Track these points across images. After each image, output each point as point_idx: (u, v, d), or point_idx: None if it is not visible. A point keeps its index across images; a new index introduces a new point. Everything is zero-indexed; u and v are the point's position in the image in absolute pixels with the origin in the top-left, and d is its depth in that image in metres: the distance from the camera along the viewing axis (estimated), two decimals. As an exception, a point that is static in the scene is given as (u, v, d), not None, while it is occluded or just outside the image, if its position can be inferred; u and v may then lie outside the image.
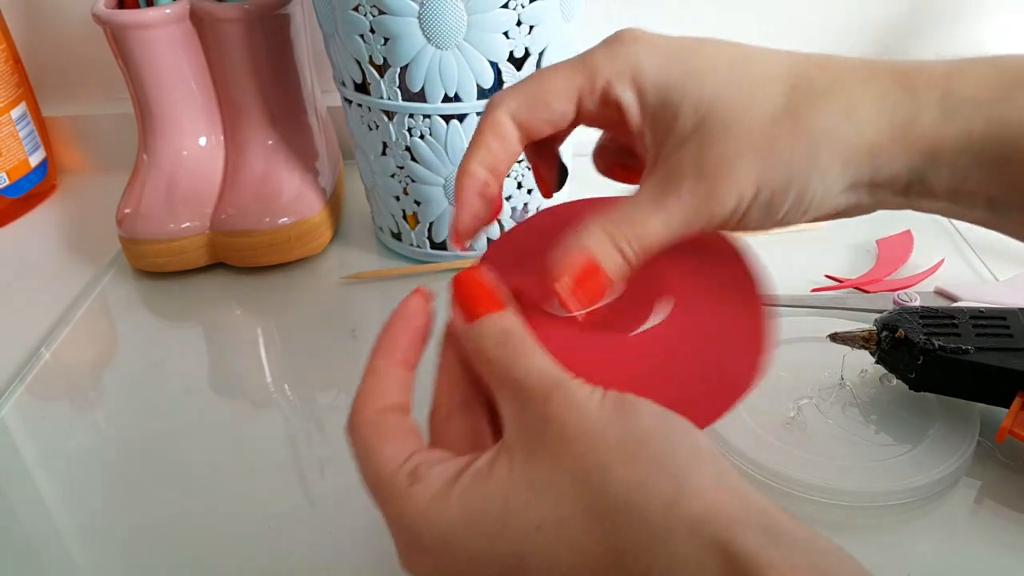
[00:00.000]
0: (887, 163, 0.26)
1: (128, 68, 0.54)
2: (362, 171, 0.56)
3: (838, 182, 0.26)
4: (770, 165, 0.26)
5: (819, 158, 0.26)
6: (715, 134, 0.26)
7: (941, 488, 0.36)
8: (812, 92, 0.26)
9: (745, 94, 0.26)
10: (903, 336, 0.38)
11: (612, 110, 0.28)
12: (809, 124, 0.26)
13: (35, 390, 0.47)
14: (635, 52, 0.27)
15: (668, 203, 0.27)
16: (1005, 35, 0.66)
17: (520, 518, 0.22)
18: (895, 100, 0.26)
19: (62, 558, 0.37)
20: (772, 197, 0.26)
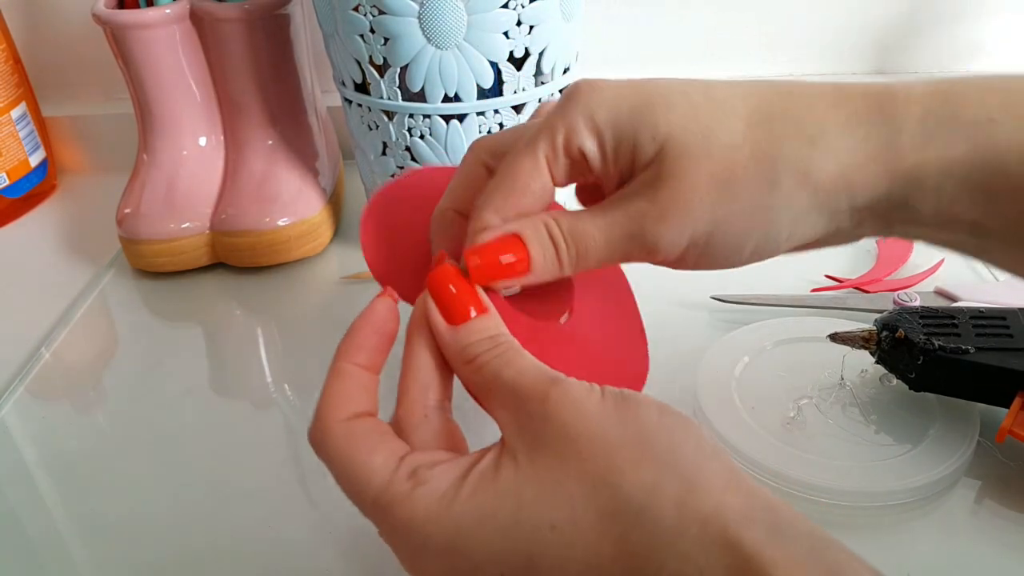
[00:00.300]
0: (865, 188, 0.25)
1: (128, 68, 0.54)
2: (362, 171, 0.56)
3: (811, 211, 0.25)
4: (729, 195, 0.25)
5: (782, 186, 0.25)
6: (671, 162, 0.25)
7: (941, 488, 0.36)
8: (771, 117, 0.25)
9: (702, 123, 0.25)
10: (903, 336, 0.38)
11: (578, 163, 0.27)
12: (771, 151, 0.25)
13: (35, 390, 0.47)
14: (585, 100, 0.26)
15: (614, 214, 0.26)
16: (1005, 35, 0.66)
17: (533, 517, 0.21)
18: (869, 123, 0.25)
19: (62, 558, 0.37)
20: (734, 228, 0.25)
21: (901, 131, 0.25)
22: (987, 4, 0.65)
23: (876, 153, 0.25)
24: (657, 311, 0.49)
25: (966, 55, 0.67)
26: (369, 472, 0.23)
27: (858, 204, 0.25)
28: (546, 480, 0.22)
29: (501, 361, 0.24)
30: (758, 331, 0.44)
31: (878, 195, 0.25)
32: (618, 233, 0.26)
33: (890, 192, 0.25)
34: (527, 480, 0.22)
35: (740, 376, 0.41)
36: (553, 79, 0.49)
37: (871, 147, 0.25)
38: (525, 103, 0.49)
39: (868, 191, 0.25)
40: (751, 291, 0.48)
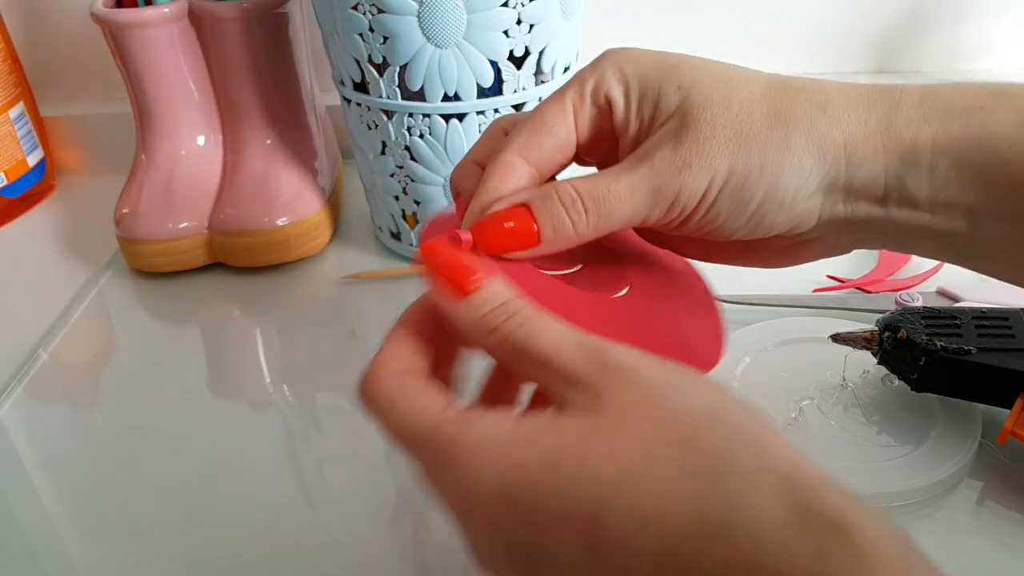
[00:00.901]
0: (863, 163, 0.26)
1: (126, 67, 0.54)
2: (361, 171, 0.56)
3: (812, 176, 0.26)
4: (745, 147, 0.26)
5: (793, 144, 0.26)
6: (695, 111, 0.26)
7: (943, 489, 0.36)
8: (789, 87, 0.27)
9: (723, 81, 0.27)
10: (905, 337, 0.37)
11: (603, 112, 0.28)
12: (785, 112, 0.26)
13: (33, 391, 0.47)
14: (615, 59, 0.28)
15: (639, 169, 0.27)
16: (1006, 36, 0.66)
17: (604, 459, 0.20)
18: (872, 101, 0.26)
19: (60, 558, 0.37)
20: (745, 181, 0.26)
21: (899, 111, 0.26)
22: (988, 4, 0.65)
23: (876, 128, 0.26)
24: (657, 311, 0.49)
25: (967, 55, 0.67)
26: (417, 413, 0.23)
27: (855, 182, 0.26)
28: (614, 431, 0.21)
29: (527, 329, 0.23)
30: (759, 331, 0.44)
31: (876, 174, 0.26)
32: (644, 188, 0.27)
33: (887, 171, 0.26)
34: (593, 431, 0.21)
35: (741, 377, 0.41)
36: (553, 78, 0.49)
37: (872, 122, 0.26)
38: (525, 102, 0.49)
39: (867, 168, 0.26)
40: (752, 291, 0.48)
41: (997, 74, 0.67)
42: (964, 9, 0.65)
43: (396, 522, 0.37)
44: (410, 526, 0.37)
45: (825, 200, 0.27)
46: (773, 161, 0.26)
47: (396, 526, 0.37)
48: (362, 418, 0.41)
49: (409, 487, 0.39)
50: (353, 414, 0.45)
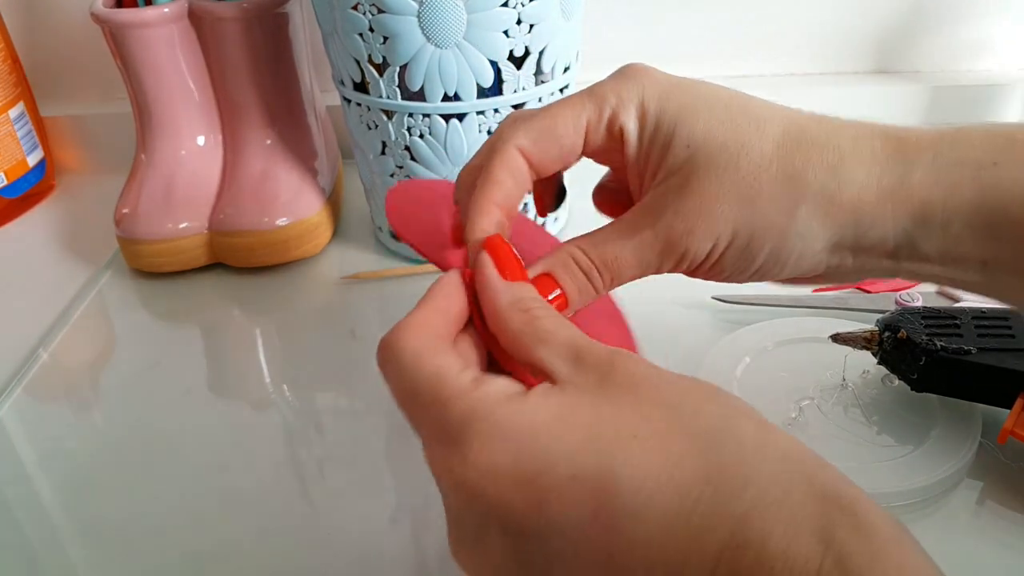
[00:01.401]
0: (872, 224, 0.26)
1: (126, 67, 0.54)
2: (361, 171, 0.56)
3: (818, 240, 0.26)
4: (750, 212, 0.26)
5: (800, 210, 0.26)
6: (701, 172, 0.26)
7: (943, 489, 0.36)
8: (803, 141, 0.26)
9: (736, 134, 0.26)
10: (905, 337, 0.37)
11: (615, 141, 0.28)
12: (795, 174, 0.26)
13: (33, 391, 0.47)
14: (640, 83, 0.28)
15: (643, 234, 0.27)
16: (1007, 36, 0.66)
17: (613, 426, 0.21)
18: (883, 160, 0.26)
19: (60, 558, 0.37)
20: (749, 244, 0.26)
21: (912, 171, 0.26)
22: (988, 4, 0.65)
23: (888, 191, 0.26)
24: (658, 311, 0.49)
25: (967, 55, 0.67)
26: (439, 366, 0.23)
27: (864, 242, 0.26)
28: (623, 402, 0.21)
29: (558, 321, 0.24)
30: (760, 331, 0.44)
31: (885, 234, 0.26)
32: (648, 253, 0.27)
33: (897, 230, 0.26)
34: (603, 400, 0.21)
35: (741, 377, 0.41)
36: (553, 78, 0.49)
37: (884, 184, 0.26)
38: (525, 102, 0.49)
39: (877, 229, 0.26)
40: (752, 291, 0.48)
41: (997, 74, 0.67)
42: (964, 9, 0.65)
43: (396, 522, 0.37)
44: (410, 526, 0.37)
45: (832, 256, 0.27)
46: (778, 225, 0.26)
47: (396, 526, 0.37)
48: (362, 418, 0.41)
49: (409, 487, 0.39)
50: (353, 414, 0.45)
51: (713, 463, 0.20)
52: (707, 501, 0.19)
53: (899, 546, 0.19)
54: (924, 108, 0.66)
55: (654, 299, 0.49)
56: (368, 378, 0.46)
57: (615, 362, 0.22)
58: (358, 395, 0.45)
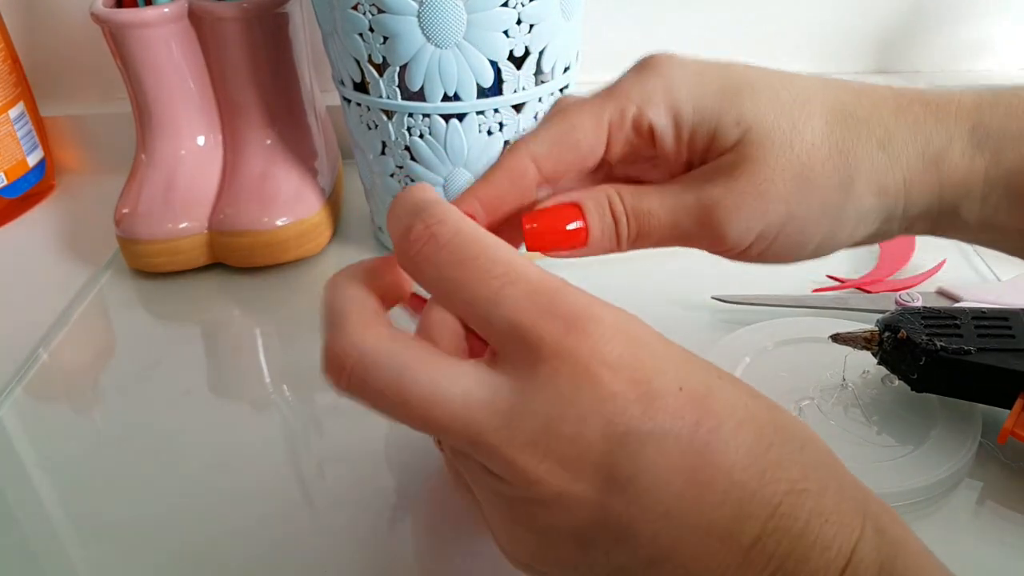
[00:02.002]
0: (919, 196, 0.26)
1: (126, 67, 0.54)
2: (361, 171, 0.56)
3: (872, 213, 0.26)
4: (804, 191, 0.25)
5: (855, 187, 0.25)
6: (756, 149, 0.25)
7: (943, 489, 0.36)
8: (849, 119, 0.26)
9: (785, 113, 0.25)
10: (905, 337, 0.37)
11: (643, 138, 0.26)
12: (847, 153, 0.25)
13: (33, 391, 0.47)
14: (665, 75, 0.26)
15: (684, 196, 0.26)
16: (1007, 36, 0.66)
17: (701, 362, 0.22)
18: (927, 131, 0.26)
19: (60, 559, 0.37)
20: (804, 227, 0.26)
21: (954, 140, 0.25)
22: (988, 4, 0.65)
23: (932, 162, 0.25)
24: (658, 311, 0.49)
25: (967, 55, 0.67)
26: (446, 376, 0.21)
27: (912, 211, 0.26)
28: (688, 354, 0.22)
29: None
30: (759, 331, 0.44)
31: (931, 203, 0.26)
32: (686, 218, 0.26)
33: (941, 200, 0.26)
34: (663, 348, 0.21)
35: (741, 377, 0.40)
36: (553, 78, 0.49)
37: (929, 156, 0.25)
38: (525, 102, 0.49)
39: (923, 199, 0.26)
40: (752, 291, 0.48)
41: (997, 74, 0.67)
42: (964, 9, 0.65)
43: (396, 522, 0.37)
44: (410, 526, 0.37)
45: (881, 226, 0.27)
46: (834, 203, 0.26)
47: (396, 526, 0.37)
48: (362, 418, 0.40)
49: (409, 487, 0.39)
50: (353, 414, 0.45)
51: (779, 420, 0.21)
52: (779, 446, 0.20)
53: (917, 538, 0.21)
54: (924, 108, 0.66)
55: (654, 299, 0.49)
56: (368, 378, 0.46)
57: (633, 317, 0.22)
58: (358, 395, 0.45)
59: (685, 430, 0.20)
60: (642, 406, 0.20)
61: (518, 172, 0.26)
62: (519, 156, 0.26)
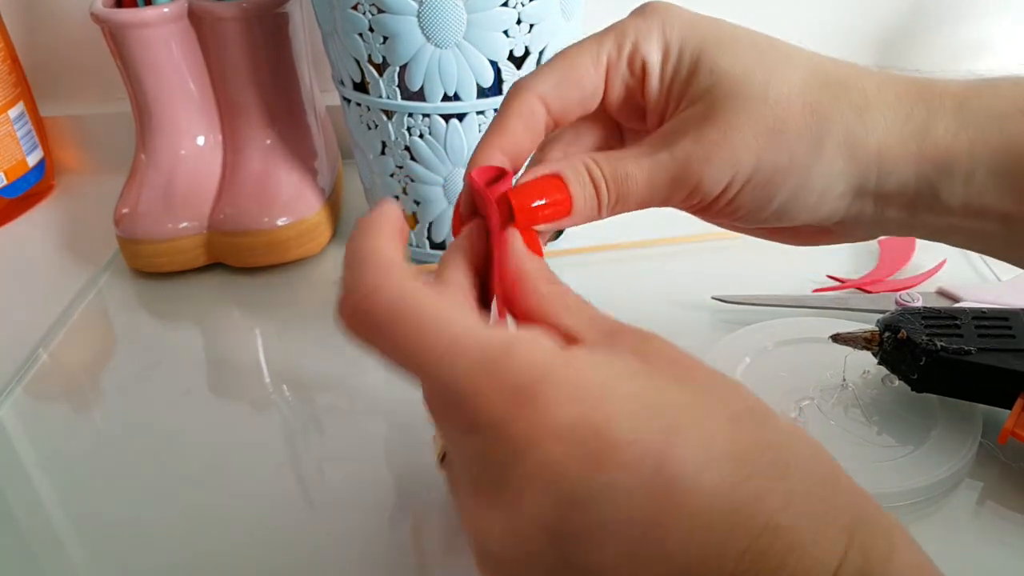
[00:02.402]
0: (895, 169, 0.25)
1: (126, 67, 0.54)
2: (361, 171, 0.56)
3: (841, 179, 0.26)
4: (774, 144, 0.25)
5: (825, 147, 0.25)
6: (724, 100, 0.25)
7: (943, 489, 0.36)
8: (829, 80, 0.26)
9: (763, 67, 0.25)
10: (905, 337, 0.37)
11: (636, 78, 0.27)
12: (821, 111, 0.25)
13: (33, 391, 0.47)
14: (660, 17, 0.27)
15: (659, 155, 0.26)
16: (1008, 36, 0.66)
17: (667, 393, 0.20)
18: (909, 105, 0.25)
19: (60, 559, 0.37)
20: (771, 179, 0.25)
21: (937, 117, 0.25)
22: (988, 4, 0.64)
23: (912, 135, 0.25)
24: (657, 311, 0.49)
25: (967, 55, 0.67)
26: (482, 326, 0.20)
27: (886, 187, 0.26)
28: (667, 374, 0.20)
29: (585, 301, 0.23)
30: (759, 332, 0.44)
31: (906, 179, 0.25)
32: (662, 176, 0.26)
33: (918, 177, 0.25)
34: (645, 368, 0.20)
35: (741, 377, 0.41)
36: (553, 78, 0.49)
37: (908, 129, 0.25)
38: (525, 102, 0.48)
39: (898, 173, 0.25)
40: (752, 291, 0.48)
41: (997, 74, 0.67)
42: (964, 9, 0.65)
43: (396, 522, 0.37)
44: (410, 526, 0.37)
45: (853, 202, 0.26)
46: (802, 161, 0.25)
47: (396, 526, 0.37)
48: (362, 418, 0.40)
49: (409, 487, 0.39)
50: (353, 414, 0.45)
51: (762, 443, 0.20)
52: (757, 478, 0.19)
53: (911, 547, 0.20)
54: (924, 108, 0.66)
55: (654, 299, 0.49)
56: (368, 378, 0.46)
57: (649, 338, 0.21)
58: (358, 395, 0.45)
59: (640, 481, 0.19)
60: (590, 465, 0.19)
61: (528, 113, 0.26)
62: (527, 97, 0.26)
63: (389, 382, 0.46)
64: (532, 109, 0.26)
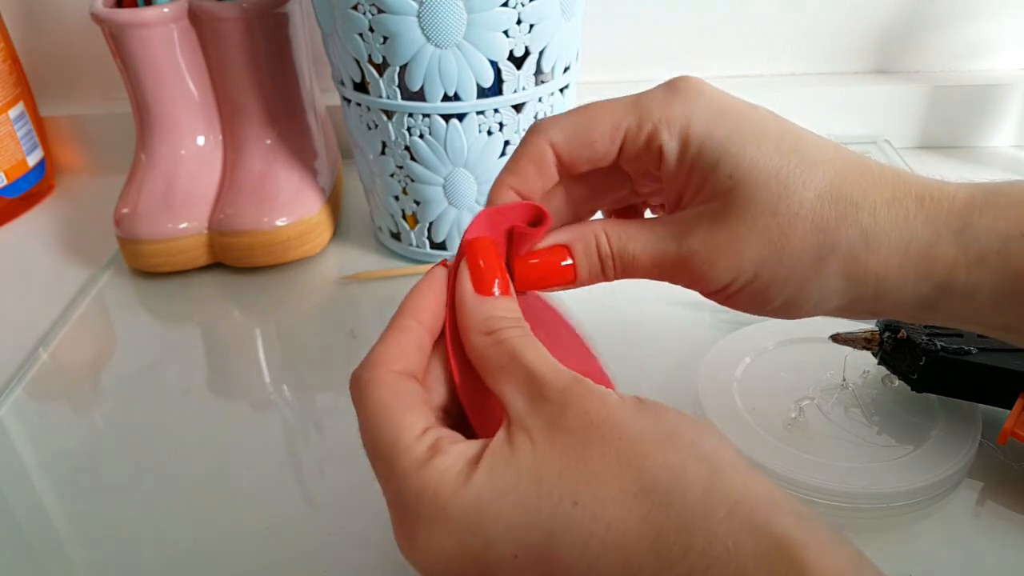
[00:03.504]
0: (893, 288, 0.26)
1: (126, 67, 0.54)
2: (361, 171, 0.56)
3: (837, 295, 0.27)
4: (776, 257, 0.26)
5: (826, 266, 0.26)
6: (737, 207, 0.26)
7: (943, 489, 0.36)
8: (841, 199, 0.26)
9: (781, 175, 0.26)
10: (905, 337, 0.37)
11: (652, 156, 0.27)
12: (828, 230, 0.26)
13: (33, 391, 0.47)
14: (690, 103, 0.27)
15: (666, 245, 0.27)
16: (1008, 35, 0.66)
17: (555, 492, 0.21)
18: (914, 228, 0.26)
19: (60, 559, 0.37)
20: (768, 287, 0.27)
21: (939, 241, 0.26)
22: (988, 4, 0.64)
23: (914, 260, 0.26)
24: (658, 311, 0.49)
25: (967, 55, 0.67)
26: (397, 430, 0.23)
27: (883, 300, 0.27)
28: (567, 458, 0.21)
29: (523, 342, 0.24)
30: (760, 331, 0.44)
31: (906, 296, 0.26)
32: (665, 264, 0.27)
33: (917, 295, 0.26)
34: (546, 457, 0.22)
35: (741, 377, 0.41)
36: (553, 78, 0.49)
37: (911, 253, 0.26)
38: (525, 102, 0.49)
39: (896, 292, 0.26)
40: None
41: (997, 74, 0.67)
42: (964, 9, 0.65)
43: (396, 522, 0.37)
44: (410, 526, 0.37)
45: (848, 309, 0.27)
46: (801, 276, 0.26)
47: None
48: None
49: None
50: (353, 414, 0.45)
51: (656, 526, 0.20)
52: (649, 565, 0.20)
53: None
54: (924, 108, 0.66)
55: (654, 299, 0.49)
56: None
57: (569, 401, 0.22)
58: (358, 395, 0.45)
59: None
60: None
61: (539, 156, 0.27)
62: (539, 142, 0.27)
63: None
64: (543, 153, 0.27)
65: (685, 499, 0.20)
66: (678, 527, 0.20)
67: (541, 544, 0.21)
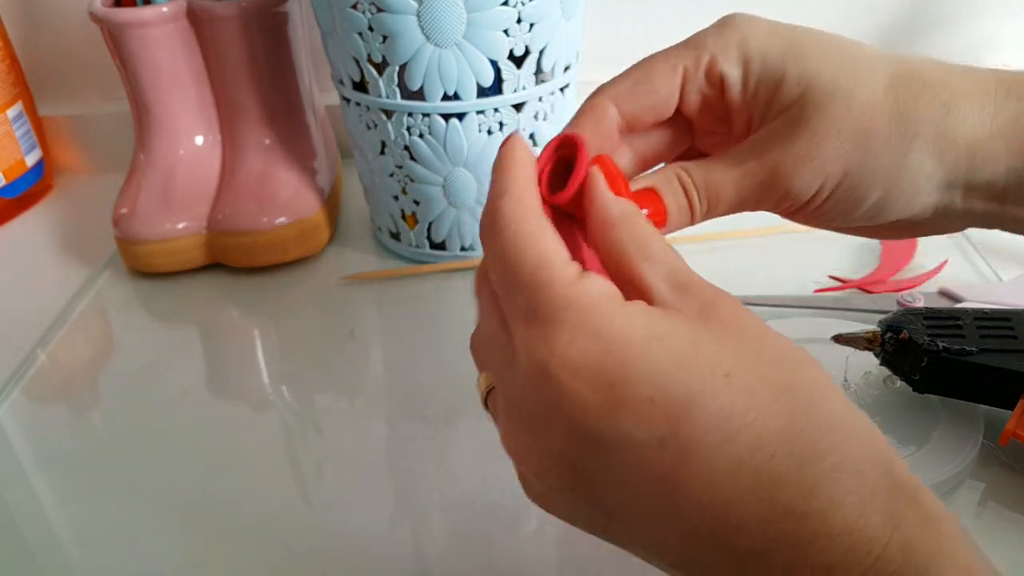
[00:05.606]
0: (985, 162, 0.26)
1: (125, 67, 0.54)
2: (361, 170, 0.56)
3: (932, 178, 0.26)
4: (863, 149, 0.25)
5: (914, 149, 0.25)
6: (813, 109, 0.25)
7: (945, 490, 0.35)
8: (913, 81, 0.26)
9: (848, 73, 0.26)
10: (907, 337, 0.37)
11: (715, 88, 0.27)
12: (907, 113, 0.25)
13: (31, 392, 0.47)
14: (741, 30, 0.27)
15: (748, 164, 0.26)
16: (1009, 36, 0.66)
17: (710, 361, 0.20)
18: (998, 100, 0.25)
19: (58, 560, 0.37)
20: (860, 184, 0.26)
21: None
22: (989, 4, 0.64)
23: (1001, 129, 0.25)
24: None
25: (967, 55, 0.67)
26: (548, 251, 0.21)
27: (975, 180, 0.26)
28: (722, 340, 0.21)
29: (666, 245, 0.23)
30: (760, 332, 0.43)
31: (997, 172, 0.26)
32: (751, 182, 0.27)
33: (1009, 169, 0.26)
34: (702, 332, 0.21)
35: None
36: (553, 77, 0.49)
37: (998, 123, 0.25)
38: (525, 102, 0.48)
39: (989, 167, 0.26)
40: (753, 291, 0.47)
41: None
42: (965, 9, 0.65)
43: (396, 522, 0.37)
44: (410, 526, 0.37)
45: (942, 196, 0.27)
46: (892, 165, 0.26)
47: (396, 526, 0.37)
48: (362, 418, 0.41)
49: (409, 487, 0.39)
50: (353, 414, 0.45)
51: (798, 424, 0.20)
52: (782, 459, 0.19)
53: (963, 545, 0.20)
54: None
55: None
56: (368, 378, 0.46)
57: (719, 300, 0.22)
58: (358, 395, 0.45)
59: (652, 442, 0.19)
60: (603, 413, 0.20)
61: (600, 113, 0.27)
62: (599, 97, 0.27)
63: (389, 382, 0.46)
64: (604, 111, 0.27)
65: (829, 411, 0.20)
66: (823, 430, 0.20)
67: (681, 402, 0.19)
